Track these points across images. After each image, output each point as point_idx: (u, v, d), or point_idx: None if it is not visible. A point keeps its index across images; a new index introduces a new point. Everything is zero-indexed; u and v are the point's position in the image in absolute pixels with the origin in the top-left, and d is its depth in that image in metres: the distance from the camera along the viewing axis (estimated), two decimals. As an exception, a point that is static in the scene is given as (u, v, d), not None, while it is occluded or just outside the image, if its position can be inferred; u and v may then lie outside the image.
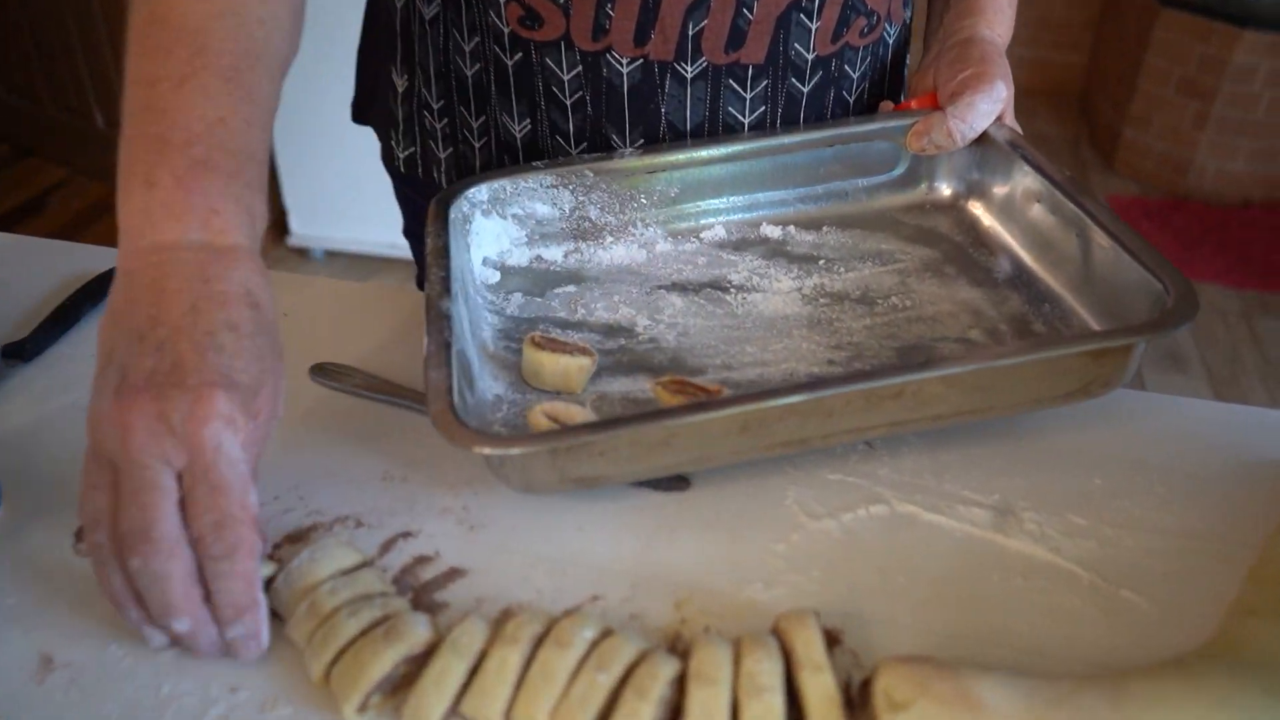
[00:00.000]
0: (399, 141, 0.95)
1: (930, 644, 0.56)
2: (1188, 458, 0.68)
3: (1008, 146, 0.83)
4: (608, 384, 0.72)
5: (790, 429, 0.63)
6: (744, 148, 0.85)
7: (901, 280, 0.81)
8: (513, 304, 0.80)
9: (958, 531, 0.63)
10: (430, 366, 0.63)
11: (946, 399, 0.65)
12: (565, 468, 0.61)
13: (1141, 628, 0.57)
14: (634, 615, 0.58)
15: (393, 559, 0.62)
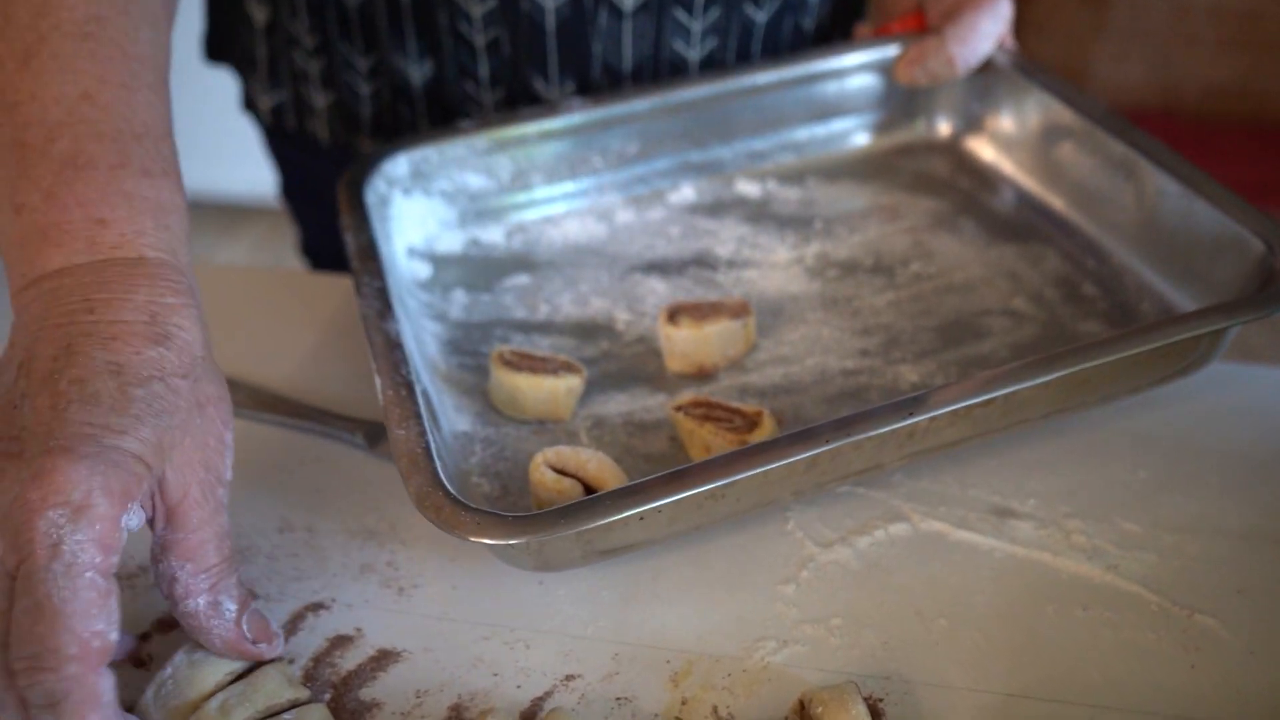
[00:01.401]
0: (262, 86, 0.79)
1: (993, 710, 0.46)
2: (1239, 440, 0.59)
3: (1019, 73, 0.71)
4: (600, 403, 0.59)
5: (865, 457, 0.51)
6: (711, 91, 0.71)
7: (915, 240, 0.69)
8: (455, 304, 0.65)
9: (997, 552, 0.52)
10: (395, 421, 0.48)
11: (1040, 401, 0.53)
12: (594, 541, 0.47)
13: (1227, 663, 0.48)
14: (621, 699, 0.46)
15: (301, 643, 0.48)
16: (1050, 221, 0.70)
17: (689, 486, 0.45)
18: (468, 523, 0.44)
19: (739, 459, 0.47)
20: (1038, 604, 0.50)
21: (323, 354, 0.63)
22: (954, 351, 0.62)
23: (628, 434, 0.57)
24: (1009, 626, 0.49)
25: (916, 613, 0.50)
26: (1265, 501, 0.55)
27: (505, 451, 0.56)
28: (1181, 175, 0.62)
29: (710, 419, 0.54)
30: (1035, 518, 0.54)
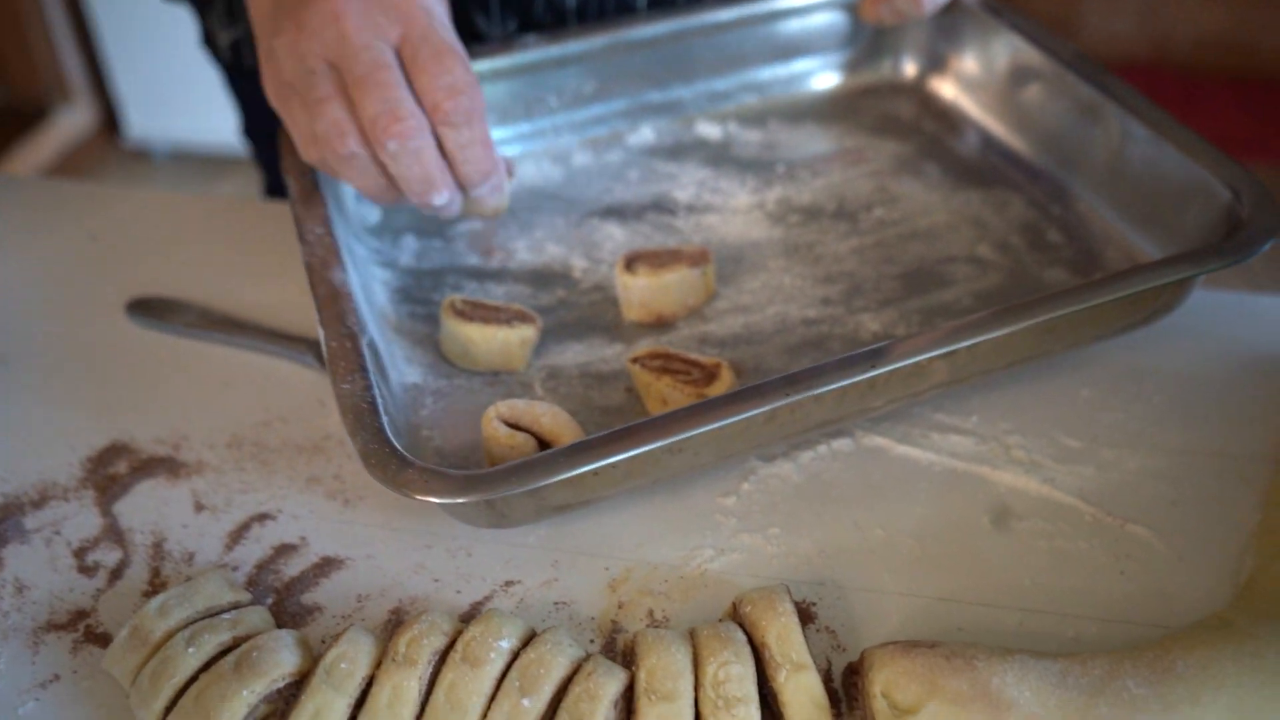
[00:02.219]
0: (220, 21, 0.78)
1: (923, 613, 0.47)
2: (1180, 358, 0.59)
3: (987, 13, 0.70)
4: (555, 354, 0.58)
5: (826, 410, 0.50)
6: (671, 28, 0.70)
7: (879, 185, 0.69)
8: (406, 251, 0.64)
9: (937, 466, 0.53)
10: (339, 375, 0.47)
11: (1003, 351, 0.53)
12: (550, 497, 0.47)
13: (1158, 569, 0.49)
14: (559, 603, 0.47)
15: (246, 552, 0.49)
16: (1016, 166, 0.69)
17: (643, 443, 0.45)
18: (414, 480, 0.43)
19: (695, 414, 0.46)
20: (974, 514, 0.51)
21: (276, 278, 0.64)
22: (917, 300, 0.61)
23: (584, 385, 0.56)
24: (944, 536, 0.50)
25: (854, 523, 0.50)
26: (1207, 419, 0.56)
27: (456, 403, 0.55)
28: (1150, 121, 0.61)
29: (668, 371, 0.53)
30: (976, 434, 0.55)
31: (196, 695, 0.40)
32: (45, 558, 0.48)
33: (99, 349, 0.59)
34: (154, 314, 0.60)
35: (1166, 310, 0.57)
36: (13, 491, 0.51)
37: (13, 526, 0.49)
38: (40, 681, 0.43)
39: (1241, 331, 0.61)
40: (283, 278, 0.63)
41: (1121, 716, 0.38)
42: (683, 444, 0.46)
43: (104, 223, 0.68)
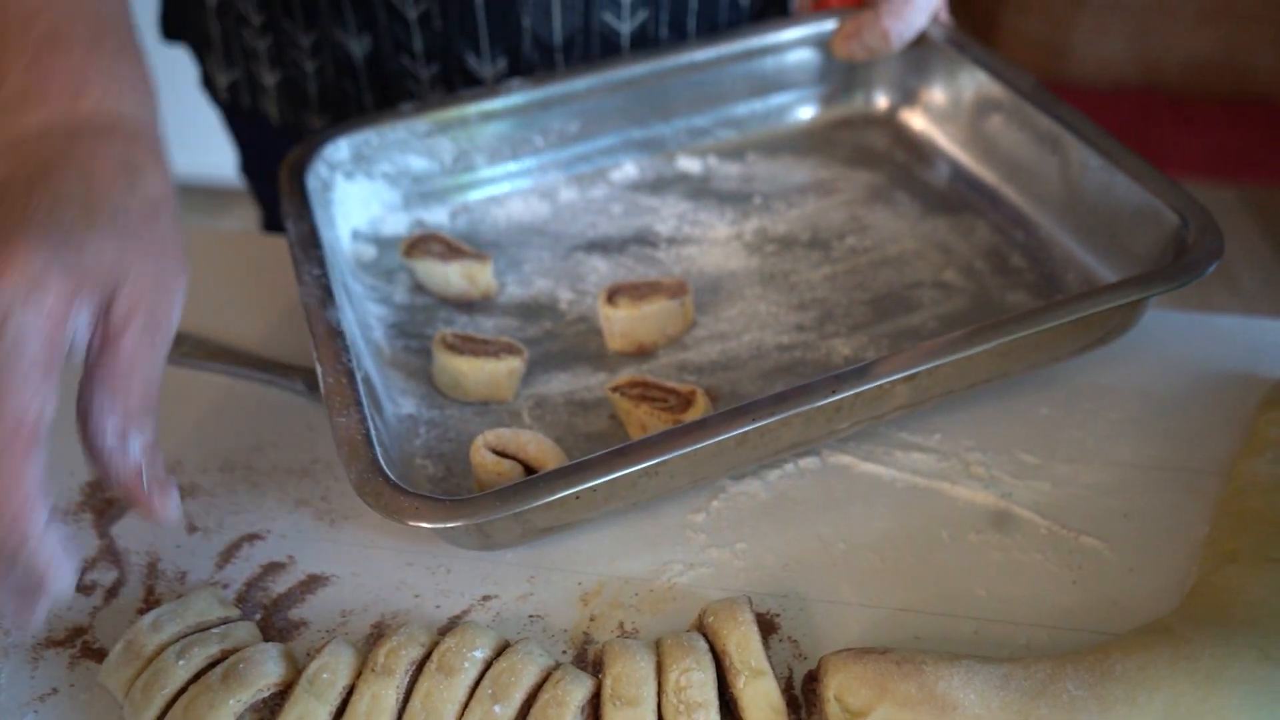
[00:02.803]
0: (218, 65, 0.81)
1: (882, 624, 0.49)
2: (1137, 376, 0.62)
3: (952, 48, 0.73)
4: (542, 383, 0.60)
5: (794, 433, 0.53)
6: (651, 68, 0.72)
7: (851, 214, 0.71)
8: (400, 287, 0.66)
9: (899, 482, 0.55)
10: (335, 409, 0.49)
11: (963, 373, 0.55)
12: (533, 520, 0.49)
13: (1108, 579, 0.51)
14: (534, 616, 0.49)
15: (236, 570, 0.51)
16: (981, 194, 0.71)
17: (622, 466, 0.47)
18: (407, 507, 0.45)
19: (670, 438, 0.48)
20: (933, 528, 0.53)
21: (269, 310, 0.66)
22: (886, 324, 0.63)
23: (569, 413, 0.58)
24: (904, 549, 0.52)
25: (817, 537, 0.53)
26: (1160, 435, 0.58)
27: (449, 433, 0.57)
28: (1103, 149, 0.64)
29: (646, 399, 0.55)
30: (938, 451, 0.57)
31: (186, 705, 0.42)
32: (45, 578, 0.50)
33: (98, 379, 0.62)
34: (151, 344, 0.63)
35: (1120, 331, 0.59)
36: (15, 515, 0.53)
37: (14, 548, 0.51)
38: (39, 695, 0.46)
39: (1195, 351, 0.63)
40: (275, 309, 0.66)
41: (1060, 717, 0.40)
42: (658, 467, 0.49)
43: (104, 257, 0.71)
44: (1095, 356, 0.62)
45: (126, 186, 0.44)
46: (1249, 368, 0.62)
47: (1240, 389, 0.60)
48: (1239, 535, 0.49)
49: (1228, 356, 0.63)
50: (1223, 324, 0.66)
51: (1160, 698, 0.41)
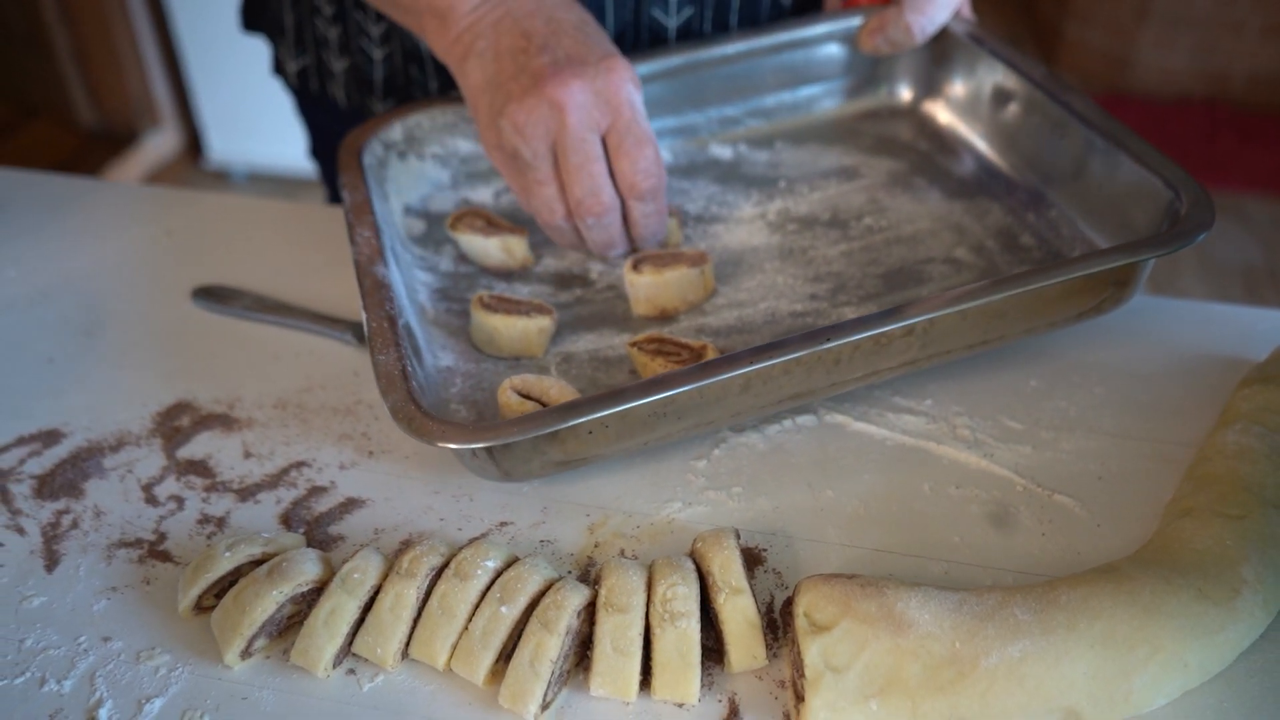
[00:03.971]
0: (289, 52, 0.87)
1: (859, 561, 0.53)
2: (1126, 355, 0.65)
3: (971, 41, 0.77)
4: (570, 342, 0.65)
5: (796, 382, 0.57)
6: (686, 59, 0.77)
7: (871, 197, 0.75)
8: (446, 257, 0.71)
9: (889, 441, 0.60)
10: (376, 348, 0.55)
11: (960, 333, 0.59)
12: (550, 453, 0.54)
13: (1076, 533, 0.55)
14: (544, 540, 0.55)
15: (284, 492, 0.57)
16: (998, 179, 0.75)
17: (628, 400, 0.52)
18: (434, 430, 0.51)
19: (677, 377, 0.52)
20: (915, 482, 0.57)
21: (321, 272, 0.73)
22: (895, 295, 0.67)
23: (593, 368, 0.64)
24: (887, 498, 0.57)
25: (808, 485, 0.57)
26: (1141, 409, 0.62)
27: (482, 384, 0.62)
28: (1106, 132, 0.67)
29: (661, 353, 0.60)
30: (928, 414, 0.61)
31: (235, 594, 0.49)
32: (119, 491, 0.57)
33: (169, 326, 0.69)
34: (216, 299, 0.70)
35: (1115, 301, 0.63)
36: (95, 438, 0.60)
37: (94, 465, 0.59)
38: (111, 586, 0.52)
39: (1185, 335, 0.67)
40: (326, 271, 0.73)
41: (1005, 636, 0.45)
42: (665, 407, 0.53)
43: (178, 222, 0.78)
44: (1088, 335, 0.66)
45: (577, 29, 0.64)
46: (1236, 353, 0.65)
47: (1223, 372, 0.63)
48: (1197, 495, 0.53)
49: (1215, 341, 0.66)
50: (1214, 311, 0.69)
51: (1099, 625, 0.45)
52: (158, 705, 0.47)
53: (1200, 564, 0.48)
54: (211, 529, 0.55)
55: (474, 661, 0.47)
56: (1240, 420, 0.57)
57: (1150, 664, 0.45)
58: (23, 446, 0.60)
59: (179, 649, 0.49)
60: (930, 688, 0.44)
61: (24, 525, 0.55)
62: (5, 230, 0.77)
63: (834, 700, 0.44)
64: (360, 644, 0.48)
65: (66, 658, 0.49)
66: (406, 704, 0.47)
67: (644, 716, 0.47)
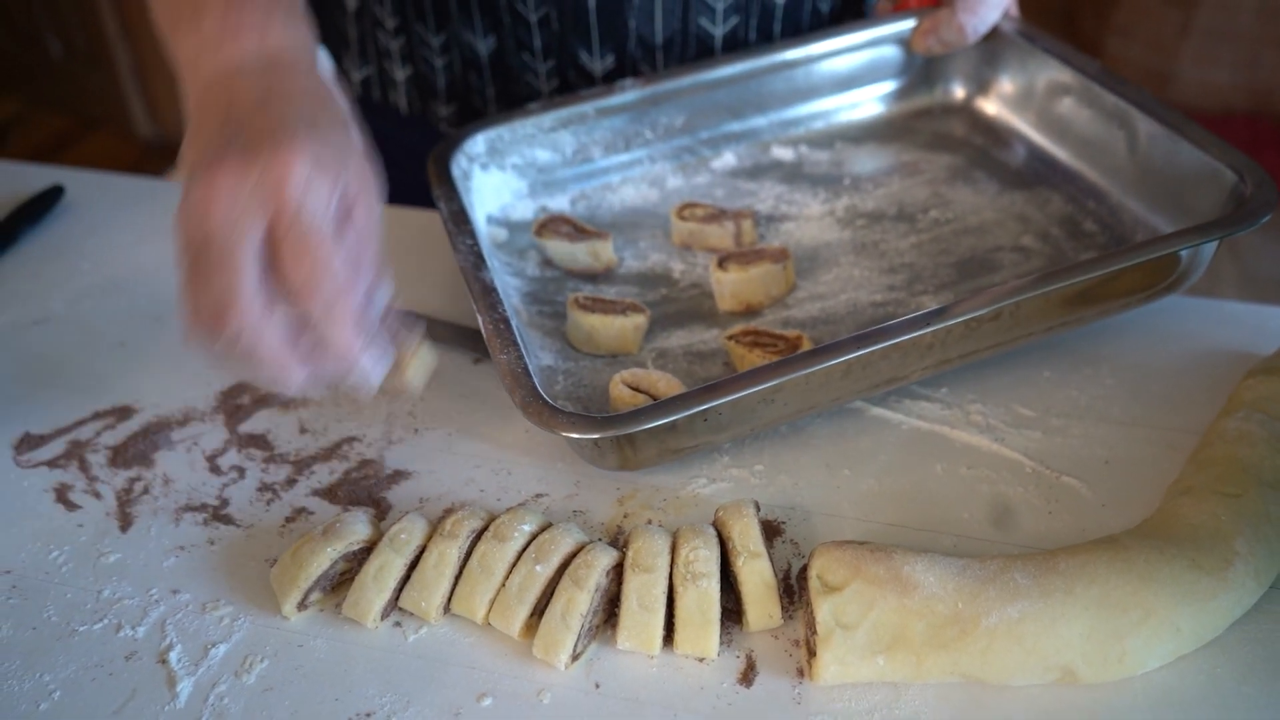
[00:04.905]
0: (352, 62, 0.92)
1: (872, 534, 0.57)
2: (1139, 349, 0.68)
3: (1022, 39, 0.80)
4: (663, 339, 0.68)
5: (893, 366, 0.60)
6: (747, 67, 0.81)
7: (934, 191, 0.79)
8: (531, 263, 0.75)
9: (905, 425, 0.63)
10: (497, 349, 0.58)
11: (1043, 314, 0.62)
12: (667, 441, 0.57)
13: (1081, 512, 0.58)
14: (577, 511, 0.58)
15: (337, 464, 0.62)
16: (1055, 170, 0.78)
17: (742, 389, 0.55)
18: (563, 422, 0.54)
19: (782, 367, 0.56)
20: (929, 463, 0.61)
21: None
22: (970, 283, 0.70)
23: (688, 362, 0.66)
24: (901, 477, 0.60)
25: (826, 464, 0.61)
26: (1151, 400, 0.64)
27: (584, 380, 0.66)
28: (1167, 121, 0.71)
29: (758, 345, 0.64)
30: (944, 401, 0.64)
31: (293, 552, 0.53)
32: (186, 461, 0.62)
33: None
34: (276, 288, 0.75)
35: (1185, 278, 0.65)
36: (164, 414, 0.65)
37: (163, 438, 0.63)
38: (179, 545, 0.57)
39: (1194, 330, 0.69)
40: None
41: (1005, 598, 0.48)
42: (774, 393, 0.56)
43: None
44: (1101, 330, 0.69)
45: (323, 106, 0.53)
46: (1246, 348, 0.67)
47: (1232, 365, 0.66)
48: (1197, 475, 0.55)
49: (1226, 337, 0.69)
50: (1227, 308, 0.71)
51: (1095, 589, 0.48)
52: (222, 650, 0.51)
53: (1195, 537, 0.51)
54: (270, 496, 0.59)
55: (510, 615, 0.50)
56: (1243, 408, 0.59)
57: (1143, 627, 0.48)
58: (99, 420, 0.65)
59: (241, 602, 0.54)
60: (934, 645, 0.47)
61: (100, 490, 0.60)
62: (78, 227, 0.83)
63: (844, 655, 0.48)
64: (406, 598, 0.52)
65: (140, 607, 0.53)
66: (448, 654, 0.51)
67: (667, 669, 0.50)
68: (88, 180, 0.88)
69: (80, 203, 0.86)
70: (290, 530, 0.57)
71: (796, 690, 0.49)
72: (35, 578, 0.55)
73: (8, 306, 0.75)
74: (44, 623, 0.53)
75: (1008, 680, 0.48)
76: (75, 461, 0.62)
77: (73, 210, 0.85)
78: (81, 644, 0.52)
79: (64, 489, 0.60)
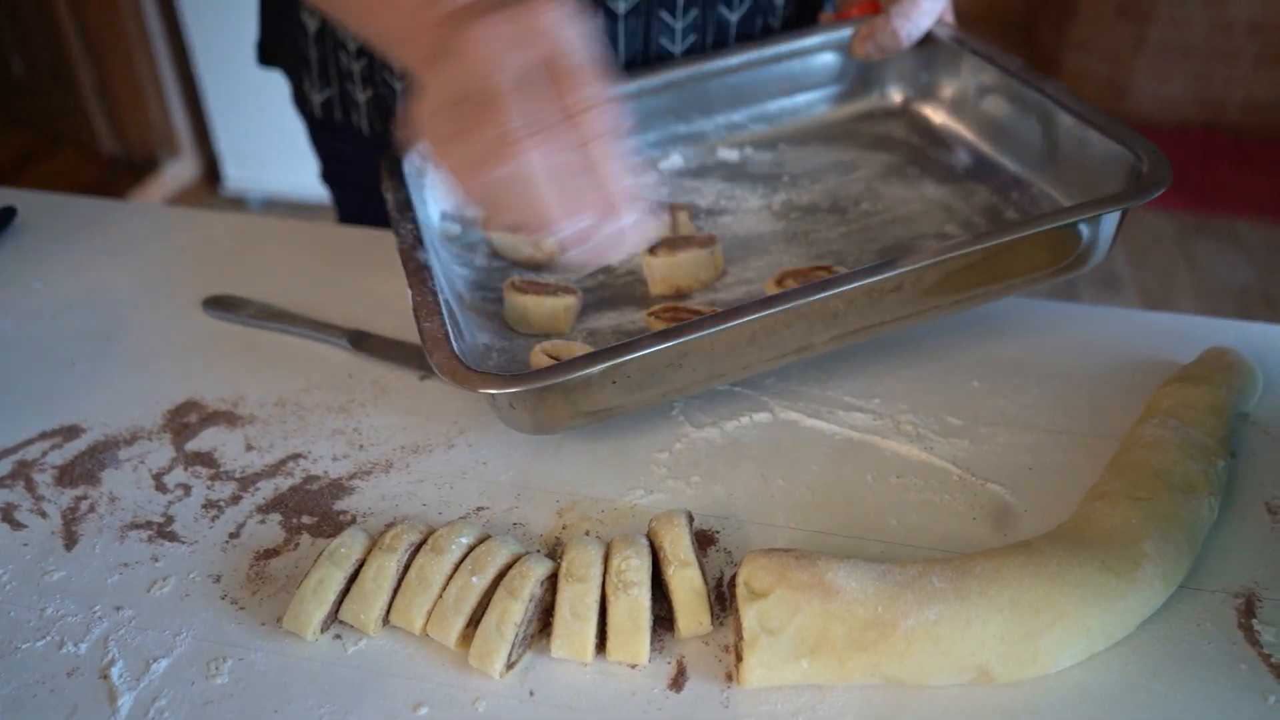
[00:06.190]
0: (313, 85, 0.93)
1: (803, 541, 0.58)
2: (1065, 359, 0.70)
3: (954, 43, 0.84)
4: (595, 320, 0.72)
5: (799, 335, 0.63)
6: (691, 72, 0.84)
7: (867, 186, 0.82)
8: (480, 254, 0.78)
9: (837, 436, 0.65)
10: (421, 317, 0.61)
11: (945, 286, 0.64)
12: (579, 401, 0.60)
13: (1004, 517, 0.60)
14: (517, 523, 0.60)
15: (282, 480, 0.63)
16: (983, 164, 0.82)
17: (646, 348, 0.57)
18: (475, 380, 0.57)
19: (686, 329, 0.58)
20: (860, 472, 0.62)
21: (321, 283, 0.79)
22: None
23: (616, 340, 0.69)
24: (832, 487, 0.62)
25: (760, 475, 0.62)
26: (1075, 407, 0.67)
27: (517, 357, 0.68)
28: (1077, 111, 0.74)
29: (675, 319, 0.67)
30: (875, 412, 0.66)
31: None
32: (132, 480, 0.63)
33: (180, 331, 0.75)
34: (223, 307, 0.76)
35: (1089, 255, 0.67)
36: (111, 432, 0.66)
37: (110, 457, 0.64)
38: (124, 562, 0.58)
39: (1118, 340, 0.72)
40: (326, 284, 0.78)
41: (923, 601, 0.49)
42: (680, 356, 0.59)
43: (190, 239, 0.85)
44: (1030, 340, 0.71)
45: None
46: (1167, 357, 0.70)
47: (1153, 374, 0.68)
48: (1112, 481, 0.58)
49: (1149, 347, 0.71)
50: (1151, 319, 0.74)
51: (1009, 592, 0.50)
52: (164, 664, 0.52)
53: (1106, 540, 0.53)
54: (215, 513, 0.60)
55: (447, 626, 0.52)
56: (1159, 414, 0.62)
57: (1055, 628, 0.50)
58: (45, 440, 0.66)
59: (184, 617, 0.55)
60: (855, 647, 0.49)
61: (46, 509, 0.61)
62: (32, 247, 0.84)
63: (769, 659, 0.49)
64: (346, 611, 0.53)
65: (83, 624, 0.54)
66: (387, 664, 0.52)
67: (600, 676, 0.52)
68: (40, 201, 0.89)
69: (32, 224, 0.86)
70: (234, 545, 0.58)
71: (725, 694, 0.51)
72: (-21, 596, 0.56)
73: (-42, 327, 0.75)
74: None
75: (926, 681, 0.50)
76: (21, 481, 0.63)
77: (25, 231, 0.85)
78: (24, 661, 0.52)
79: (9, 509, 0.61)
